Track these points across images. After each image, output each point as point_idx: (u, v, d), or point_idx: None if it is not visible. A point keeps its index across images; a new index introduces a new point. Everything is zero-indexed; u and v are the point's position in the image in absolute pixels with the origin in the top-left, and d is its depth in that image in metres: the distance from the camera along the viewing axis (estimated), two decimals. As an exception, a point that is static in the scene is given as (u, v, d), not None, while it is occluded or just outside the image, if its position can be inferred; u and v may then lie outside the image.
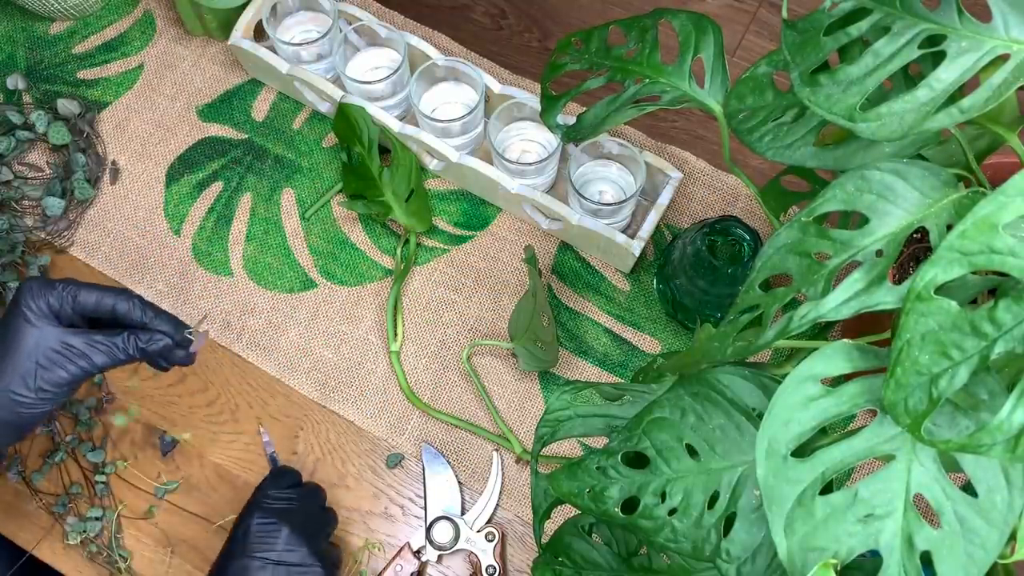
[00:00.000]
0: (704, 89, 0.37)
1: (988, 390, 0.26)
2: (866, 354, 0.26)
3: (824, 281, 0.26)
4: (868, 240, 0.26)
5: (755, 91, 0.32)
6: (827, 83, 0.27)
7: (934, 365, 0.24)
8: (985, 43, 0.25)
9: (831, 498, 0.25)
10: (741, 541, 0.27)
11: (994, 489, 0.25)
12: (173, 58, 0.58)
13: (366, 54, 0.54)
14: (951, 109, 0.25)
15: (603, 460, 0.29)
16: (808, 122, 0.30)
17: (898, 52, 0.26)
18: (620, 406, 0.34)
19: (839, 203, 0.27)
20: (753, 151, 0.32)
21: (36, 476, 0.49)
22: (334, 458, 0.50)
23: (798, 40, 0.28)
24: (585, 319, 0.51)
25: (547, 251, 0.53)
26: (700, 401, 0.28)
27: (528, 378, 0.51)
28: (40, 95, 0.57)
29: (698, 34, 0.37)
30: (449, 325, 0.52)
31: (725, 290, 0.44)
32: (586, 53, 0.41)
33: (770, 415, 0.25)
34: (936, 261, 0.24)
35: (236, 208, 0.55)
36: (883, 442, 0.26)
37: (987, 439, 0.23)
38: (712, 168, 0.54)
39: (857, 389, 0.26)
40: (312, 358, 0.51)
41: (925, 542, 0.25)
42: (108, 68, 0.58)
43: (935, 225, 0.26)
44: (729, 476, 0.28)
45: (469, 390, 0.51)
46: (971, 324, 0.24)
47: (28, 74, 0.57)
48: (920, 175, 0.27)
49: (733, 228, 0.44)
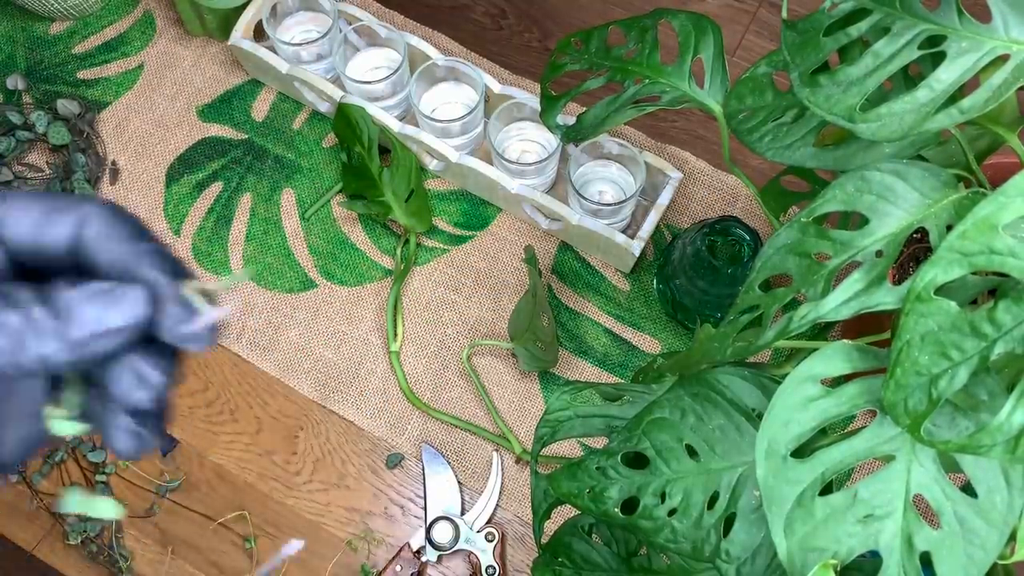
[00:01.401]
0: (704, 89, 0.37)
1: (988, 391, 0.26)
2: (866, 355, 0.26)
3: (824, 281, 0.26)
4: (868, 240, 0.26)
5: (755, 91, 0.32)
6: (827, 83, 0.27)
7: (934, 366, 0.24)
8: (985, 43, 0.25)
9: (831, 499, 0.25)
10: (741, 541, 0.27)
11: (994, 490, 0.25)
12: (173, 58, 0.58)
13: (366, 54, 0.54)
14: (951, 110, 0.25)
15: (603, 460, 0.29)
16: (808, 122, 0.30)
17: (898, 53, 0.26)
18: (620, 406, 0.34)
19: (839, 203, 0.27)
20: (753, 151, 0.32)
21: (36, 476, 0.49)
22: (334, 458, 0.50)
23: (798, 40, 0.28)
24: (585, 319, 0.51)
25: (547, 251, 0.53)
26: (700, 401, 0.28)
27: (528, 378, 0.51)
28: (40, 95, 0.57)
29: (698, 34, 0.37)
30: (449, 325, 0.52)
31: (725, 290, 0.44)
32: (586, 53, 0.41)
33: (770, 415, 0.25)
34: (936, 262, 0.24)
35: (236, 208, 0.55)
36: (883, 443, 0.26)
37: (987, 440, 0.23)
38: (712, 168, 0.54)
39: (857, 390, 0.26)
40: (312, 358, 0.51)
41: (925, 543, 0.25)
42: (108, 68, 0.58)
43: (935, 226, 0.26)
44: (729, 476, 0.28)
45: (469, 390, 0.51)
46: (971, 325, 0.24)
47: (28, 74, 0.57)
48: (920, 176, 0.27)
49: (733, 228, 0.44)
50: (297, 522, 0.49)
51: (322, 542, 0.49)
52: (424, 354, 0.51)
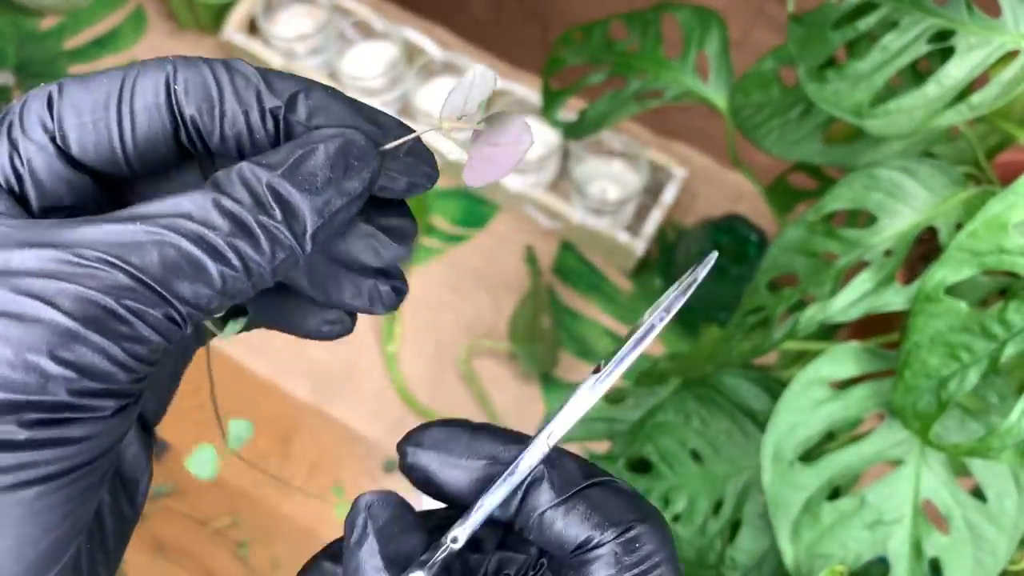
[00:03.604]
0: (708, 84, 0.37)
1: (998, 393, 0.25)
2: (874, 356, 0.26)
3: (832, 281, 0.26)
4: (876, 239, 0.26)
5: (761, 86, 0.32)
6: (834, 79, 0.26)
7: (943, 368, 0.24)
8: (994, 39, 0.25)
9: (838, 504, 0.25)
10: (746, 548, 0.27)
11: (1004, 494, 0.25)
12: (165, 53, 0.56)
13: (362, 48, 0.53)
14: (960, 106, 0.25)
15: (606, 466, 0.28)
16: (815, 118, 0.30)
17: (906, 47, 0.26)
18: (623, 409, 0.33)
19: (847, 201, 0.26)
20: (759, 147, 0.31)
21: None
22: (329, 463, 0.49)
23: (805, 35, 0.28)
24: (587, 320, 0.51)
25: (548, 250, 0.52)
26: (704, 405, 0.28)
27: (528, 380, 0.50)
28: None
29: (702, 28, 0.37)
30: (447, 326, 0.51)
31: (730, 290, 0.44)
32: (588, 47, 0.40)
33: (776, 419, 0.25)
34: (946, 261, 0.24)
35: (230, 206, 0.54)
36: (891, 446, 0.25)
37: (997, 443, 0.23)
38: (717, 165, 0.53)
39: (865, 392, 0.25)
40: (306, 360, 0.51)
41: (933, 548, 0.25)
42: (99, 63, 0.57)
43: (944, 224, 0.26)
44: (734, 482, 0.27)
45: (468, 393, 0.50)
46: (981, 326, 0.23)
47: (18, 70, 0.56)
48: (929, 173, 0.26)
49: (739, 227, 0.44)
50: (291, 528, 0.48)
51: (316, 548, 0.48)
52: (422, 355, 0.51)
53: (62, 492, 0.11)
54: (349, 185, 0.12)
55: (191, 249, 0.11)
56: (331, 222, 0.12)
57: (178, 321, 0.11)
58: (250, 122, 0.12)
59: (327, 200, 0.12)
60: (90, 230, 0.11)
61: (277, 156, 0.12)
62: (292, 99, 0.12)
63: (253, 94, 0.12)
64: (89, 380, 0.11)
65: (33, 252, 0.11)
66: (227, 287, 0.11)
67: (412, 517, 0.13)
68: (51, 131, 0.12)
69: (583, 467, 0.13)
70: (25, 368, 0.11)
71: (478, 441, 0.13)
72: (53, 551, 0.12)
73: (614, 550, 0.12)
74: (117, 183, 0.13)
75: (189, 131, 0.12)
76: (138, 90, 0.12)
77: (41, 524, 0.11)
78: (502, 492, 0.13)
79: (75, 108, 0.12)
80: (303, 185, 0.12)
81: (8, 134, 0.12)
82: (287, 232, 0.12)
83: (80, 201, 0.13)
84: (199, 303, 0.11)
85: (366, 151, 0.12)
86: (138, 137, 0.12)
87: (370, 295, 0.14)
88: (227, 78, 0.12)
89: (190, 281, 0.11)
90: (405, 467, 0.14)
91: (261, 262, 0.11)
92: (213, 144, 0.13)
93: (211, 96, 0.12)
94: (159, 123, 0.12)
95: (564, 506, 0.13)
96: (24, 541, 0.11)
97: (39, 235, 0.11)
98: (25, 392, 0.11)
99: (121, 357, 0.11)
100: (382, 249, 0.14)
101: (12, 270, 0.11)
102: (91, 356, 0.11)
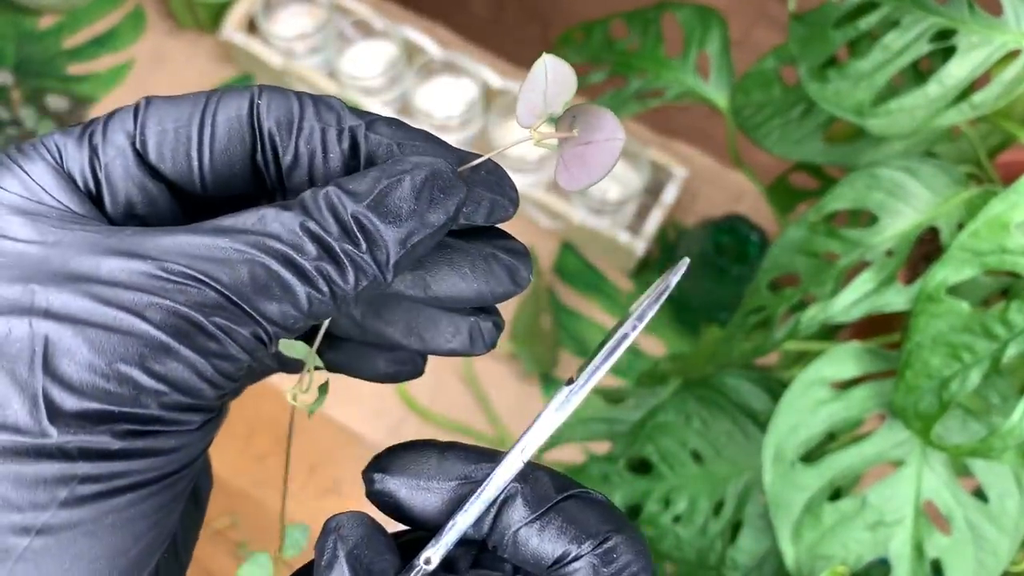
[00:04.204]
0: (709, 84, 0.37)
1: (1000, 394, 0.25)
2: (876, 357, 0.26)
3: (833, 281, 0.26)
4: (878, 239, 0.26)
5: (762, 86, 0.32)
6: (836, 78, 0.26)
7: (945, 368, 0.24)
8: (996, 38, 0.25)
9: (839, 505, 0.25)
10: (747, 549, 0.27)
11: (1005, 495, 0.25)
12: (164, 52, 0.57)
13: (361, 47, 0.53)
14: (962, 105, 0.25)
15: (606, 466, 0.28)
16: (816, 117, 0.30)
17: (908, 47, 0.26)
18: (623, 410, 0.33)
19: (848, 201, 0.26)
20: (760, 146, 0.31)
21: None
22: (328, 464, 0.49)
23: (806, 34, 0.27)
24: (587, 320, 0.51)
25: (548, 250, 0.52)
26: (705, 405, 0.28)
27: (528, 381, 0.50)
28: (29, 91, 0.56)
29: (703, 27, 0.37)
30: (447, 325, 0.51)
31: (731, 290, 0.44)
32: (588, 46, 0.40)
33: (777, 419, 0.25)
34: (947, 261, 0.24)
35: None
36: (893, 447, 0.25)
37: (998, 444, 0.23)
38: (718, 165, 0.53)
39: (866, 393, 0.25)
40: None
41: (935, 549, 0.25)
42: (98, 63, 0.57)
43: (946, 224, 0.26)
44: (735, 482, 0.27)
45: (468, 393, 0.50)
46: (983, 326, 0.23)
47: (17, 69, 0.56)
48: (931, 173, 0.26)
49: (740, 227, 0.44)
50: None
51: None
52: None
53: (151, 501, 0.11)
54: (434, 217, 0.12)
55: (281, 271, 0.11)
56: (414, 251, 0.12)
57: (264, 340, 0.11)
58: (326, 140, 0.12)
59: (411, 231, 0.12)
60: (176, 240, 0.11)
61: (364, 184, 0.12)
62: (372, 121, 0.12)
63: (334, 116, 0.12)
64: (179, 395, 0.11)
65: (121, 261, 0.11)
66: (313, 309, 0.11)
67: (384, 538, 0.13)
68: (132, 136, 0.12)
69: (556, 480, 0.13)
70: (118, 379, 0.10)
71: (448, 462, 0.13)
72: (141, 559, 0.12)
73: (592, 562, 0.12)
74: (189, 202, 0.13)
75: (265, 148, 0.12)
76: (222, 105, 0.12)
77: (131, 532, 0.11)
78: (475, 510, 0.12)
79: (159, 116, 0.12)
80: (387, 217, 0.12)
81: (90, 139, 0.12)
82: (371, 262, 0.12)
83: (152, 212, 0.12)
84: (286, 323, 0.11)
85: (452, 182, 0.12)
86: (216, 149, 0.12)
87: (471, 334, 0.14)
88: (311, 101, 0.12)
89: (278, 302, 0.11)
90: (372, 494, 0.13)
91: (346, 289, 0.12)
92: (286, 163, 0.12)
93: (291, 111, 0.12)
94: (238, 136, 0.12)
95: (539, 522, 0.12)
96: (116, 550, 0.11)
97: (124, 242, 0.11)
98: (119, 404, 0.11)
99: (209, 373, 0.11)
100: (499, 274, 0.13)
101: (102, 279, 0.11)
102: (182, 371, 0.11)
